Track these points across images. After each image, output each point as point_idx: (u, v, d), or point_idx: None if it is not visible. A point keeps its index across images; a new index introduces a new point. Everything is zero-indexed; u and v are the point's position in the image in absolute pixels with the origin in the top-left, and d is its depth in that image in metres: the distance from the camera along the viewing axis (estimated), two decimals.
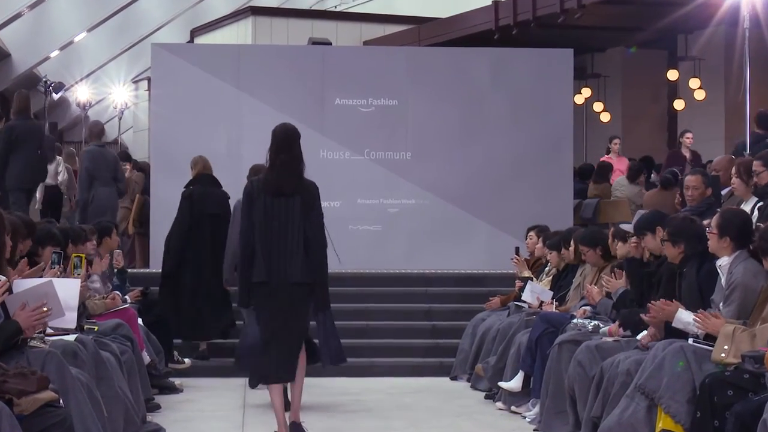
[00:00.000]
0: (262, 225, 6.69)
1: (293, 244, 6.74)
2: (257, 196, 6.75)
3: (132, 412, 6.65)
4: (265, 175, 6.84)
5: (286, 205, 6.72)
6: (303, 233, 6.76)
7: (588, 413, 6.35)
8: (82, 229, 8.73)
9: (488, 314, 9.78)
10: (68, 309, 5.80)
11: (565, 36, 17.25)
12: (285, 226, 6.73)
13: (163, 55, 12.78)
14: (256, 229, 6.68)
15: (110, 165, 11.73)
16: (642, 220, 7.18)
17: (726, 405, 5.08)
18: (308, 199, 6.78)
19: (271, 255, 6.71)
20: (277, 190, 6.74)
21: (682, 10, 16.27)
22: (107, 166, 11.69)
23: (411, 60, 13.10)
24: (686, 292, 6.20)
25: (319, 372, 10.03)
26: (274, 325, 6.81)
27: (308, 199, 6.78)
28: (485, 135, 12.97)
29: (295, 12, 21.48)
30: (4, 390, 4.65)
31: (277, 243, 6.70)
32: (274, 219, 6.70)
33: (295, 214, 6.74)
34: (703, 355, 5.54)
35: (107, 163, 11.74)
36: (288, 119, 12.31)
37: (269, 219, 6.70)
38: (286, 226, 6.73)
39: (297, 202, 6.74)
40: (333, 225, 12.35)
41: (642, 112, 20.65)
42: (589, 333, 7.13)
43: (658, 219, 6.99)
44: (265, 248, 6.69)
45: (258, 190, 6.76)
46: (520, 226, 11.48)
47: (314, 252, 6.86)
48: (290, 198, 6.73)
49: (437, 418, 8.04)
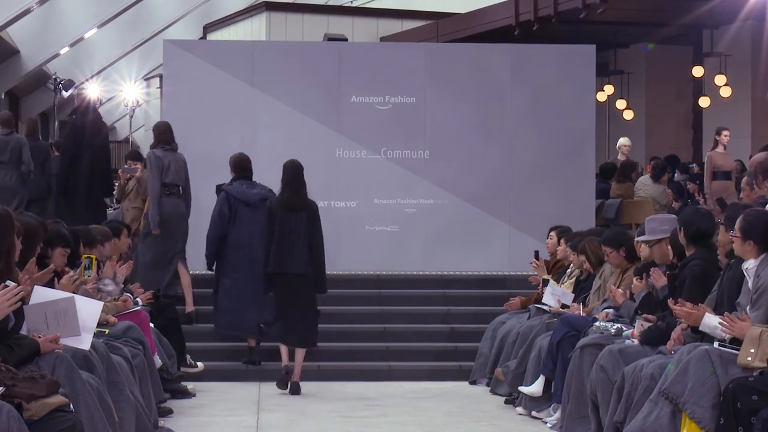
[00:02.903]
0: (279, 232, 9.21)
1: (300, 245, 9.25)
2: (276, 212, 9.26)
3: (143, 416, 6.63)
4: (281, 195, 9.36)
5: (296, 218, 9.26)
6: (308, 238, 9.27)
7: (610, 418, 6.31)
8: (94, 230, 8.60)
9: (508, 317, 9.70)
10: (85, 330, 5.81)
11: (588, 31, 17.13)
12: (295, 232, 9.24)
13: (175, 52, 12.66)
14: (275, 235, 9.21)
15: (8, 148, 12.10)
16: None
17: (750, 410, 5.07)
18: (311, 213, 9.36)
19: (283, 252, 9.22)
20: (290, 206, 9.27)
21: (708, 5, 16.11)
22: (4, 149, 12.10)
23: (429, 56, 12.92)
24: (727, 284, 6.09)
25: (335, 376, 9.97)
26: (285, 303, 9.33)
27: (311, 213, 9.36)
28: (505, 133, 12.79)
29: (310, 7, 21.44)
30: (13, 394, 4.66)
31: (289, 244, 9.22)
32: (287, 227, 9.23)
33: (302, 224, 9.26)
34: (729, 359, 5.47)
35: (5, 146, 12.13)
36: (303, 117, 12.51)
37: (284, 227, 9.23)
38: (296, 232, 9.24)
39: (304, 216, 9.29)
40: (349, 225, 12.46)
41: (666, 109, 20.52)
42: (611, 336, 7.08)
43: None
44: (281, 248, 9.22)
45: (276, 207, 9.28)
46: (540, 226, 11.33)
47: (316, 251, 9.34)
48: (299, 213, 9.27)
49: (456, 424, 7.98)
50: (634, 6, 17.29)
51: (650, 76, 20.66)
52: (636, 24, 18.42)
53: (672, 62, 20.41)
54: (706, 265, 6.52)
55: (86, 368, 5.76)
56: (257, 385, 9.68)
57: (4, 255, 5.24)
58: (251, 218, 9.93)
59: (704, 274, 6.48)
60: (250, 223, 9.93)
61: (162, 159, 10.37)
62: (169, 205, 10.42)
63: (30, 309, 5.45)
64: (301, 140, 12.45)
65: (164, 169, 10.36)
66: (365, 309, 11.15)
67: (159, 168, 10.33)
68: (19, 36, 22.10)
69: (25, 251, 5.87)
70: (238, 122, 12.43)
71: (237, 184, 10.10)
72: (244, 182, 10.11)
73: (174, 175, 10.40)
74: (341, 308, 11.12)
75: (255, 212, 9.92)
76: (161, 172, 10.34)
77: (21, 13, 19.41)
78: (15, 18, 19.55)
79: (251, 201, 10.01)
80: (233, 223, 9.98)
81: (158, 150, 10.44)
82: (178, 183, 10.47)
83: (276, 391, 9.36)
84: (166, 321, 9.19)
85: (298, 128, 12.47)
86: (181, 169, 10.47)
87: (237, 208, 9.98)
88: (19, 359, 5.15)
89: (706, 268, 6.50)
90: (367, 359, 10.39)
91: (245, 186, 10.09)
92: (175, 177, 10.42)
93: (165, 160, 10.37)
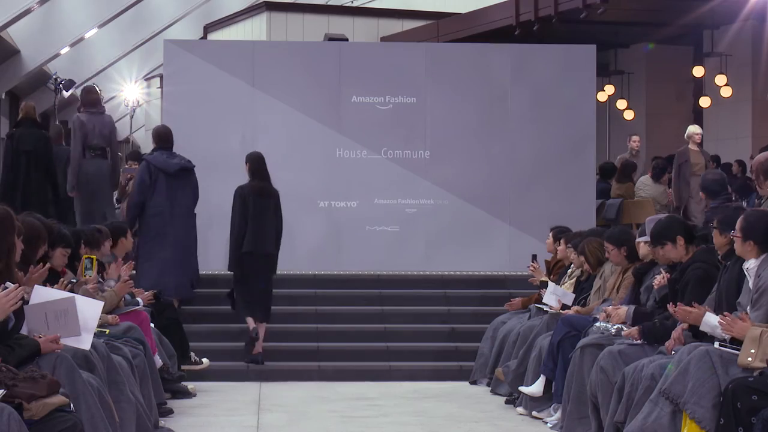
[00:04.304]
0: (253, 215, 9.99)
1: (270, 227, 10.09)
2: (247, 197, 10.02)
3: (144, 416, 6.61)
4: (251, 183, 10.12)
5: (266, 204, 10.08)
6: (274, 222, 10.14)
7: (611, 418, 6.30)
8: (97, 230, 8.60)
9: (509, 317, 9.69)
10: (85, 330, 5.79)
11: (588, 31, 17.11)
12: (266, 216, 10.03)
13: (175, 52, 12.65)
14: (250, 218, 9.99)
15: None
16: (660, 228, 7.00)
17: (750, 410, 5.07)
18: (277, 200, 10.20)
19: (258, 234, 10.00)
20: (261, 193, 10.09)
21: (708, 5, 16.12)
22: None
23: (429, 56, 12.91)
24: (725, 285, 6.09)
25: (335, 376, 9.98)
26: (254, 281, 10.09)
27: (277, 200, 10.20)
28: (506, 133, 12.78)
29: (310, 7, 21.41)
30: (14, 394, 4.65)
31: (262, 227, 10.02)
32: (259, 211, 10.02)
33: (271, 209, 10.10)
34: (729, 359, 5.46)
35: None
36: (303, 117, 12.52)
37: (257, 211, 10.02)
38: (267, 216, 10.04)
39: (272, 202, 10.13)
40: (350, 225, 12.46)
41: (667, 109, 20.51)
42: (611, 336, 7.05)
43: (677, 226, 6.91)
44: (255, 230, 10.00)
45: (248, 193, 10.05)
46: (541, 226, 11.33)
47: (280, 235, 10.24)
48: (269, 199, 10.10)
49: (456, 424, 7.96)
50: (635, 6, 17.28)
51: (651, 76, 20.65)
52: (636, 24, 18.41)
53: (672, 62, 20.39)
54: (708, 268, 6.50)
55: (87, 368, 5.74)
56: (257, 385, 9.69)
57: (4, 255, 5.23)
58: (170, 186, 10.47)
59: (707, 276, 6.46)
60: (169, 190, 10.46)
61: (86, 123, 10.88)
62: (92, 166, 10.95)
63: (30, 309, 5.44)
64: (301, 140, 12.45)
65: (88, 132, 10.88)
66: (366, 309, 11.14)
67: (82, 132, 10.86)
68: (19, 36, 22.06)
69: (28, 252, 5.86)
70: (238, 122, 12.42)
71: (158, 154, 10.57)
72: (164, 152, 10.58)
73: (98, 138, 10.91)
74: (342, 308, 11.13)
75: (174, 181, 10.48)
76: (84, 136, 10.86)
77: (21, 13, 19.38)
78: (15, 18, 19.51)
79: (171, 170, 10.47)
80: (153, 191, 10.45)
81: (83, 114, 11.00)
82: (103, 145, 10.96)
83: (276, 391, 9.36)
84: (166, 321, 9.19)
85: (299, 128, 12.47)
86: (106, 131, 10.98)
87: (157, 177, 10.45)
88: (19, 359, 5.14)
89: (708, 271, 6.48)
90: (368, 359, 10.39)
91: (166, 156, 10.54)
92: (100, 139, 10.93)
93: (89, 124, 10.88)
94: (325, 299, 11.31)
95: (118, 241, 9.11)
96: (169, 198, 10.44)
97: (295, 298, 11.32)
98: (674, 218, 7.34)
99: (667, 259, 6.97)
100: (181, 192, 10.49)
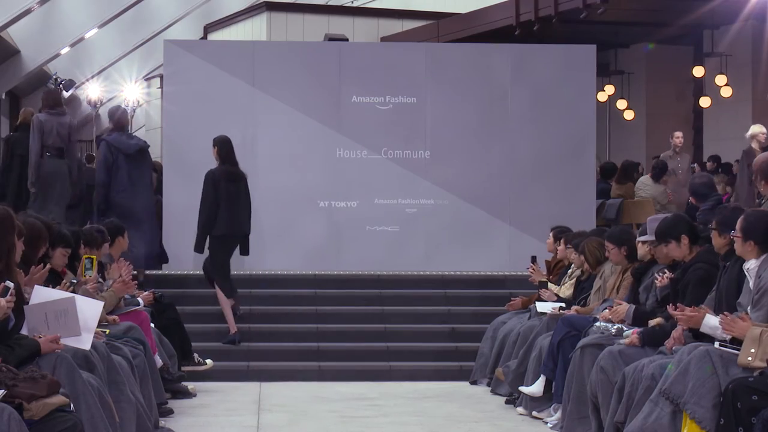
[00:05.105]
0: (225, 198, 10.25)
1: (242, 210, 10.39)
2: (219, 181, 10.26)
3: (144, 416, 6.61)
4: (222, 167, 10.36)
5: (237, 187, 10.37)
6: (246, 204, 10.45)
7: (611, 418, 6.29)
8: (96, 230, 8.60)
9: (509, 317, 9.68)
10: (85, 330, 5.81)
11: (588, 32, 17.12)
12: (238, 199, 10.34)
13: (175, 52, 12.64)
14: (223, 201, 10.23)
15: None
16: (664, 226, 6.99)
17: (750, 410, 5.07)
18: (246, 183, 10.48)
19: (232, 217, 10.29)
20: (231, 177, 10.34)
21: (709, 5, 16.12)
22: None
23: (429, 56, 12.89)
24: (725, 285, 6.10)
25: (335, 376, 9.98)
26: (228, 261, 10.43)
27: (246, 183, 10.48)
28: (506, 133, 12.77)
29: (310, 7, 21.40)
30: (14, 394, 4.66)
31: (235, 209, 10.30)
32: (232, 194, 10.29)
33: (242, 192, 10.39)
34: (730, 359, 5.46)
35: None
36: (303, 117, 12.51)
37: (230, 195, 10.28)
38: (239, 199, 10.35)
39: (242, 185, 10.41)
40: (350, 225, 12.46)
41: (667, 109, 20.52)
42: (612, 336, 7.04)
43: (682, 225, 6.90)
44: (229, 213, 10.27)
45: (219, 177, 10.28)
46: (541, 227, 11.33)
47: (250, 217, 10.54)
48: (239, 182, 10.38)
49: (456, 424, 7.95)
50: (635, 6, 17.28)
51: (651, 76, 20.65)
52: (636, 24, 18.41)
53: (673, 62, 20.40)
54: (709, 269, 6.49)
55: (87, 368, 5.74)
56: (257, 385, 9.68)
57: (4, 255, 5.23)
58: (129, 166, 11.00)
59: (708, 277, 6.46)
60: (129, 169, 10.99)
61: (44, 123, 11.20)
62: (48, 166, 11.25)
63: (30, 309, 5.44)
64: (301, 140, 12.44)
65: (45, 132, 11.19)
66: (366, 309, 11.14)
67: (40, 131, 11.20)
68: (19, 36, 22.08)
69: (28, 252, 5.86)
70: (238, 122, 12.40)
71: (116, 135, 11.13)
72: (122, 134, 11.21)
73: (55, 138, 11.22)
74: (342, 308, 11.12)
75: (132, 161, 11.03)
76: (42, 135, 11.19)
77: (21, 13, 19.40)
78: (16, 18, 19.53)
79: (129, 151, 11.02)
80: (114, 170, 10.99)
81: (43, 114, 11.35)
82: (60, 145, 11.27)
83: (276, 391, 9.36)
84: (167, 321, 9.19)
85: (299, 128, 12.46)
86: (64, 132, 11.27)
87: (117, 157, 10.97)
88: (19, 359, 5.14)
89: (710, 272, 6.47)
90: (368, 359, 10.38)
91: (124, 137, 11.18)
92: (57, 140, 11.24)
93: (48, 125, 11.19)
94: (325, 299, 11.31)
95: (114, 240, 9.11)
96: (131, 176, 10.97)
97: (295, 298, 11.31)
98: (681, 217, 7.31)
99: (669, 258, 6.97)
100: (140, 171, 11.09)
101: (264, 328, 10.71)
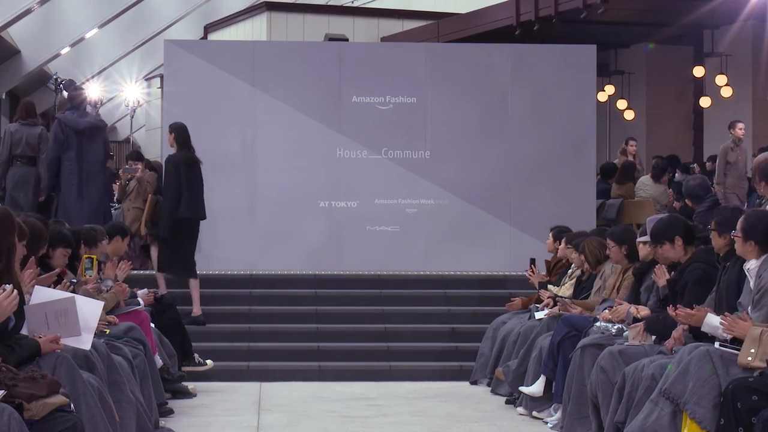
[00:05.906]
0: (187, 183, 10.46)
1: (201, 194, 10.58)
2: (180, 166, 10.47)
3: (144, 416, 6.61)
4: (180, 152, 10.56)
5: (195, 171, 10.57)
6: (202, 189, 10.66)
7: (611, 418, 6.28)
8: (94, 230, 8.61)
9: (509, 317, 9.68)
10: (86, 330, 5.80)
11: (588, 32, 17.13)
12: (197, 183, 10.53)
13: (176, 52, 12.65)
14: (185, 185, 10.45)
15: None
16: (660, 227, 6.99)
17: (750, 410, 5.07)
18: (200, 169, 10.66)
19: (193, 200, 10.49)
20: (190, 162, 10.56)
21: (709, 5, 16.13)
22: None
23: (430, 56, 12.90)
24: (725, 286, 6.09)
25: (335, 376, 9.97)
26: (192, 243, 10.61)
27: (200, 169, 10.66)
28: (506, 133, 12.77)
29: (311, 7, 21.41)
30: (14, 394, 4.64)
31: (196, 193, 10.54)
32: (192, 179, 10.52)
33: (199, 177, 10.61)
34: (730, 359, 5.46)
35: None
36: (304, 117, 12.51)
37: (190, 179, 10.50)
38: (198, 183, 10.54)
39: (199, 170, 10.63)
40: (350, 225, 12.46)
41: (667, 109, 20.52)
42: (612, 336, 7.03)
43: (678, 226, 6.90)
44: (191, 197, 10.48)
45: (180, 162, 10.50)
46: (541, 227, 11.32)
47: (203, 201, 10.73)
48: (197, 167, 10.61)
49: (456, 424, 7.94)
50: (635, 6, 17.28)
51: (651, 76, 20.65)
52: (637, 24, 18.42)
53: (673, 62, 20.40)
54: (706, 268, 6.50)
55: (87, 368, 5.74)
56: (257, 385, 9.68)
57: (4, 256, 5.23)
58: (79, 143, 11.42)
59: (705, 277, 6.46)
60: (79, 147, 11.41)
61: (14, 134, 11.55)
62: (17, 173, 11.54)
63: (30, 309, 5.43)
64: (301, 140, 12.45)
65: (14, 142, 11.52)
66: (366, 309, 11.13)
67: (9, 142, 11.58)
68: (19, 36, 22.09)
69: (29, 252, 5.86)
70: (238, 122, 12.42)
71: (69, 113, 11.54)
72: (76, 112, 11.58)
73: (25, 147, 11.51)
74: (342, 308, 11.12)
75: (82, 138, 11.45)
76: (11, 145, 11.53)
77: (22, 13, 19.42)
78: (16, 18, 19.55)
79: (81, 128, 11.42)
80: (66, 148, 11.38)
81: (14, 125, 11.75)
82: (30, 154, 11.56)
83: (276, 391, 9.36)
84: (167, 321, 9.19)
85: (299, 128, 12.46)
86: (34, 142, 11.53)
87: (68, 134, 11.39)
88: (19, 359, 5.13)
89: (707, 271, 6.47)
90: (368, 359, 10.37)
91: (77, 115, 11.54)
92: (26, 148, 11.53)
93: (17, 135, 11.52)
94: (325, 299, 11.31)
95: (112, 240, 9.12)
96: (78, 154, 11.38)
97: (295, 298, 11.31)
98: (676, 218, 7.31)
99: (666, 259, 6.97)
100: (90, 149, 11.45)
101: (264, 328, 10.71)
